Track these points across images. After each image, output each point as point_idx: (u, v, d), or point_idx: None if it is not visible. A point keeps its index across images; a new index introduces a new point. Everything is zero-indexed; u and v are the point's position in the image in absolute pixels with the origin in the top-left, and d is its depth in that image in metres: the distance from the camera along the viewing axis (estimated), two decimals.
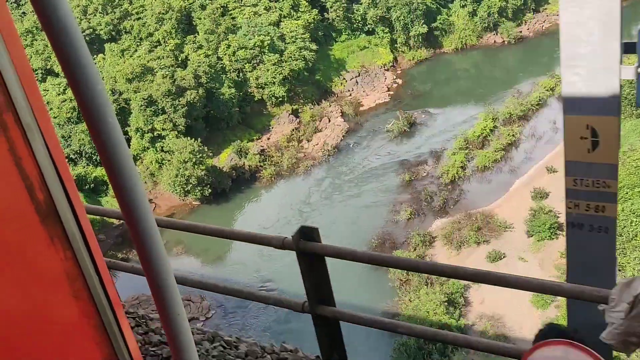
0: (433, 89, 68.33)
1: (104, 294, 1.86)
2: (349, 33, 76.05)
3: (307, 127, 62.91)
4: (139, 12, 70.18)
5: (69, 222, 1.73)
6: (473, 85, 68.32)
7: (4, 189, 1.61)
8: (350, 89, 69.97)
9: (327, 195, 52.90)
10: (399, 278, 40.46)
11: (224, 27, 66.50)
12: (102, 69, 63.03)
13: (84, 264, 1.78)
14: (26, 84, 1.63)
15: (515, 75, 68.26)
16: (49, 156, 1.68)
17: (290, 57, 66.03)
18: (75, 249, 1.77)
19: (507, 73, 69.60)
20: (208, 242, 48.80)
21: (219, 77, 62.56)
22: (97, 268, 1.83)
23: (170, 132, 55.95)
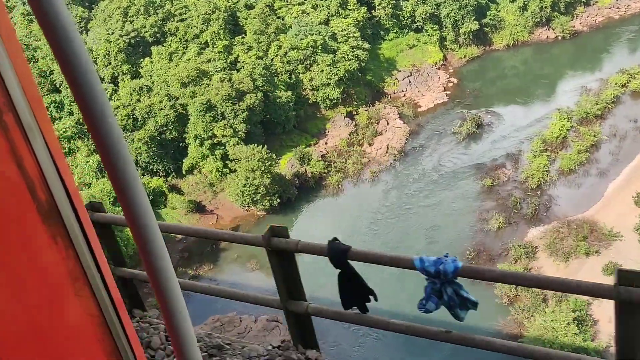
0: (491, 87, 64.96)
1: (106, 293, 1.81)
2: (397, 31, 72.63)
3: (365, 130, 59.47)
4: (182, 13, 66.65)
5: (70, 222, 1.69)
6: (532, 83, 64.96)
7: (6, 189, 1.58)
8: (404, 89, 66.58)
9: (400, 203, 49.53)
10: (506, 294, 37.20)
11: (273, 27, 63.02)
12: (151, 73, 59.50)
13: (86, 263, 1.75)
14: (25, 84, 1.62)
15: (576, 71, 64.99)
16: (50, 156, 1.65)
17: (343, 57, 62.60)
18: (77, 248, 1.72)
19: (566, 70, 66.26)
20: None
21: (272, 79, 59.10)
22: (99, 267, 1.79)
23: (231, 138, 52.48)
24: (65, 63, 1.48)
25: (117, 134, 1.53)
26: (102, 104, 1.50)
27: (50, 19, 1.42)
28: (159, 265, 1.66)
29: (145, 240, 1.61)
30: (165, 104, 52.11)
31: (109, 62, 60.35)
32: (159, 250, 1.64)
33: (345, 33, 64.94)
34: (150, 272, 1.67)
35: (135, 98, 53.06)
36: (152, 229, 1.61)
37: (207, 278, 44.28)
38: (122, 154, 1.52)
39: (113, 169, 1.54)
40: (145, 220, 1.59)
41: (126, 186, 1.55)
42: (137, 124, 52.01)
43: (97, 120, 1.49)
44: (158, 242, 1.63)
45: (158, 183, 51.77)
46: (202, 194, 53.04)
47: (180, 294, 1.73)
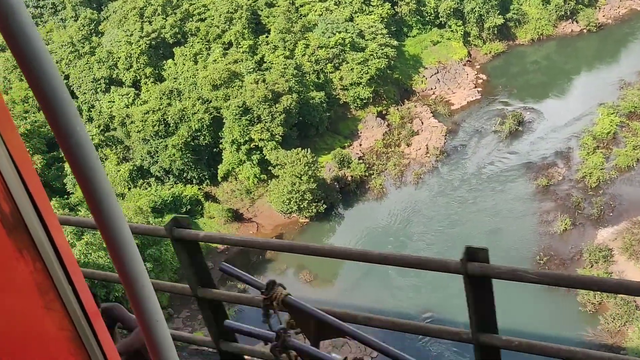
0: (522, 83, 62.63)
1: (78, 305, 1.74)
2: (420, 27, 70.05)
3: (400, 130, 56.75)
4: (201, 12, 63.28)
5: (37, 233, 1.63)
6: (563, 77, 62.82)
7: None
8: (433, 87, 63.97)
9: (451, 206, 46.92)
10: (590, 301, 34.78)
11: (299, 26, 59.98)
12: (176, 76, 56.14)
13: (55, 275, 1.68)
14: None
15: (607, 65, 62.99)
16: (13, 165, 1.59)
17: (372, 55, 59.81)
18: (45, 260, 1.66)
19: (596, 63, 64.26)
20: (336, 266, 42.73)
21: (302, 79, 56.11)
22: (70, 278, 1.72)
23: (268, 142, 49.43)
24: (31, 73, 1.38)
25: (86, 142, 1.47)
26: (69, 113, 1.44)
27: (12, 28, 1.33)
28: (134, 273, 1.60)
29: (117, 247, 1.55)
30: (198, 108, 48.86)
31: (130, 65, 56.85)
32: (132, 257, 1.58)
33: (372, 30, 62.18)
34: (126, 279, 1.60)
35: (166, 102, 49.70)
36: (125, 236, 1.56)
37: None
38: (92, 161, 1.48)
39: (83, 176, 1.48)
40: (118, 228, 1.54)
41: (98, 193, 1.50)
42: (169, 129, 48.67)
43: (66, 129, 1.43)
44: (131, 248, 1.58)
45: (193, 191, 48.55)
46: (239, 201, 49.92)
47: (156, 302, 1.66)
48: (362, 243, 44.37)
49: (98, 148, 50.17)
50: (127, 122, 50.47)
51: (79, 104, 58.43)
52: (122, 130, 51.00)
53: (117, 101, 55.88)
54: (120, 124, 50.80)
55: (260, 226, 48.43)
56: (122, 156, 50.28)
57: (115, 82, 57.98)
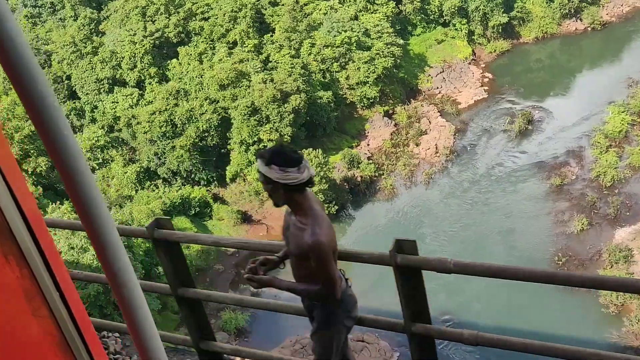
0: (529, 82, 62.14)
1: (66, 310, 1.72)
2: (424, 26, 69.45)
3: (408, 130, 56.14)
4: (204, 11, 62.31)
5: (23, 238, 1.60)
6: (569, 76, 62.46)
7: None
8: (439, 86, 63.36)
9: (464, 206, 46.31)
10: (613, 302, 34.25)
11: (305, 25, 59.17)
12: (181, 76, 55.19)
13: (42, 281, 1.66)
14: None
15: (614, 63, 62.68)
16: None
17: (379, 54, 59.12)
18: (32, 266, 1.64)
19: (601, 62, 63.94)
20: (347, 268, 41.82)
21: (309, 79, 55.31)
22: (57, 283, 1.70)
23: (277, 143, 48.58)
24: (16, 76, 1.38)
25: (73, 144, 1.47)
26: (55, 116, 1.43)
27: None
28: (122, 274, 1.58)
29: (104, 247, 1.54)
30: (206, 108, 47.95)
31: (134, 65, 55.81)
32: (119, 257, 1.57)
33: (378, 29, 61.47)
34: (113, 281, 1.59)
35: (172, 103, 48.75)
36: (112, 237, 1.55)
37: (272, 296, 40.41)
38: (77, 159, 1.46)
39: (69, 175, 1.47)
40: (105, 228, 1.53)
41: (83, 192, 1.48)
42: (177, 130, 47.74)
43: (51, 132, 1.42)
44: (118, 248, 1.57)
45: (201, 193, 47.64)
46: (248, 203, 49.04)
47: (145, 303, 1.66)
48: (374, 245, 43.59)
49: (104, 150, 49.19)
50: (132, 123, 49.51)
51: (81, 104, 57.37)
52: (128, 132, 50.04)
53: (121, 102, 54.84)
54: (126, 125, 49.83)
55: (270, 228, 47.59)
56: (128, 158, 49.27)
57: (119, 82, 56.93)
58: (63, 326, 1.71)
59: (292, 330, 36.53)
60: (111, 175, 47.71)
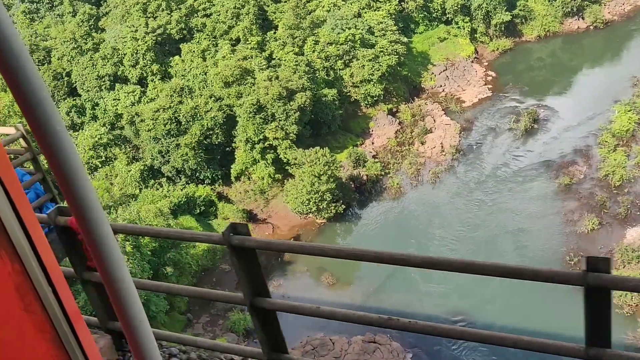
0: (532, 80, 61.82)
1: (58, 306, 1.72)
2: (427, 24, 69.01)
3: (412, 128, 55.69)
4: (206, 7, 61.57)
5: (15, 233, 1.60)
6: (572, 74, 62.17)
7: None
8: (442, 84, 62.93)
9: (472, 206, 45.89)
10: (628, 303, 33.95)
11: (308, 22, 58.55)
12: (184, 73, 54.42)
13: (35, 276, 1.66)
14: None
15: (618, 62, 62.45)
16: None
17: (382, 51, 58.61)
18: (24, 261, 1.64)
19: (604, 60, 63.73)
20: (356, 268, 41.50)
21: (314, 76, 54.70)
22: (50, 279, 1.71)
23: (283, 141, 48.02)
24: (8, 70, 1.38)
25: (66, 139, 1.47)
26: (49, 111, 1.42)
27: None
28: (116, 271, 1.58)
29: (99, 245, 1.55)
30: (211, 106, 47.27)
31: (136, 61, 55.00)
32: (114, 254, 1.58)
33: (382, 27, 60.94)
34: (107, 278, 1.59)
35: (177, 100, 48.02)
36: (107, 234, 1.55)
37: (280, 295, 39.87)
38: (71, 156, 1.47)
39: (63, 172, 1.47)
40: (100, 226, 1.54)
41: (78, 190, 1.48)
42: (181, 127, 47.04)
43: (45, 127, 1.42)
44: (112, 246, 1.57)
45: (205, 192, 46.96)
46: (253, 202, 48.46)
47: (138, 301, 1.65)
48: (383, 245, 43.15)
49: (108, 147, 48.38)
50: (136, 121, 48.72)
51: (82, 101, 56.48)
52: (131, 129, 49.24)
53: (123, 99, 54.05)
54: (129, 122, 49.02)
55: (276, 227, 47.04)
56: (131, 156, 48.50)
57: (120, 79, 56.11)
58: (56, 322, 1.69)
59: (303, 332, 36.11)
60: (114, 174, 46.93)
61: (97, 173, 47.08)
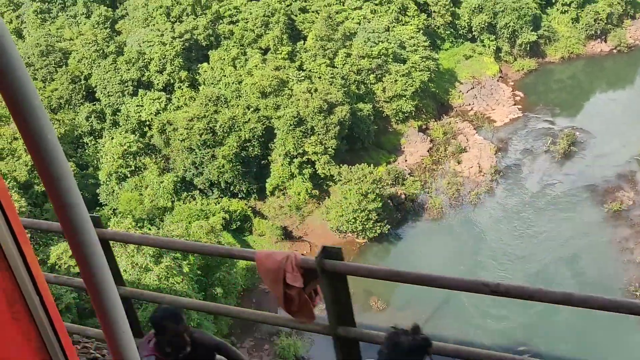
0: (562, 101, 60.91)
1: (45, 315, 1.72)
2: (453, 40, 67.88)
3: (445, 146, 54.10)
4: (232, 14, 59.38)
5: (6, 242, 1.59)
6: (604, 97, 61.59)
7: None
8: (471, 102, 61.61)
9: (517, 232, 44.26)
10: None
11: (340, 34, 56.76)
12: (213, 81, 52.02)
13: (23, 285, 1.65)
14: None
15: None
16: None
17: (414, 67, 57.07)
18: (14, 270, 1.63)
19: (636, 84, 63.25)
20: (406, 291, 39.45)
21: (348, 90, 52.81)
22: (37, 288, 1.70)
23: (322, 156, 45.96)
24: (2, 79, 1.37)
25: (57, 149, 1.45)
26: (40, 119, 1.41)
27: None
28: (101, 282, 1.58)
29: (85, 256, 1.54)
30: (249, 117, 45.00)
31: (164, 67, 52.46)
32: (99, 265, 1.56)
33: (413, 42, 59.47)
34: (92, 288, 1.59)
35: (212, 109, 45.66)
36: (92, 241, 1.54)
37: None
38: (62, 167, 1.47)
39: (52, 182, 1.47)
40: (84, 234, 1.53)
41: (66, 200, 1.48)
42: (217, 138, 44.67)
43: (35, 136, 1.41)
44: (99, 256, 1.56)
45: (240, 206, 44.57)
46: (288, 218, 46.18)
47: (123, 312, 1.65)
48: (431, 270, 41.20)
49: (137, 156, 45.67)
50: (167, 129, 46.18)
51: (102, 106, 53.61)
52: (162, 138, 46.65)
53: (147, 105, 51.37)
54: (160, 130, 46.44)
55: (314, 245, 44.75)
56: (164, 165, 45.92)
57: (144, 84, 53.46)
58: (42, 331, 1.68)
59: None
60: (144, 184, 44.23)
61: (125, 183, 44.34)
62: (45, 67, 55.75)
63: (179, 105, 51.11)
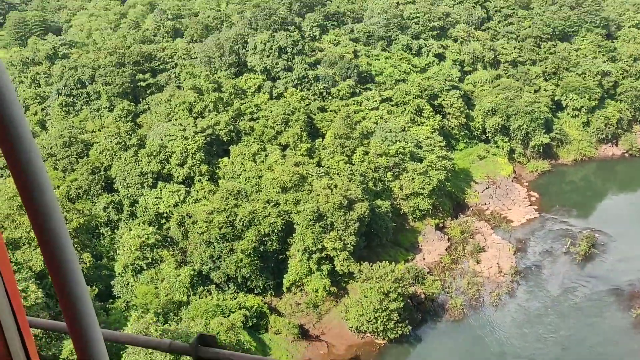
0: (577, 203, 60.77)
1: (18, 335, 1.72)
2: (467, 141, 69.03)
3: (463, 245, 53.51)
4: (253, 112, 60.87)
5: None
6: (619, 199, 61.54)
7: None
8: (486, 202, 61.61)
9: (541, 338, 42.73)
10: None
11: (358, 132, 57.79)
12: (233, 175, 52.34)
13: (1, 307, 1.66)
14: None
15: None
16: None
17: (431, 166, 57.57)
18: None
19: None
20: None
21: (366, 187, 52.96)
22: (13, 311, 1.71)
23: (341, 252, 45.33)
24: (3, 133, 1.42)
25: (51, 197, 1.50)
26: (38, 172, 1.47)
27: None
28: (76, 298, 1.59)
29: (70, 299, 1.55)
30: (269, 211, 44.86)
31: (185, 160, 53.02)
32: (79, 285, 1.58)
33: (430, 142, 60.43)
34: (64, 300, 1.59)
35: (232, 203, 45.61)
36: (81, 293, 1.57)
37: None
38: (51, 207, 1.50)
39: (40, 222, 1.51)
40: (76, 286, 1.55)
41: (54, 243, 1.52)
42: (236, 232, 44.28)
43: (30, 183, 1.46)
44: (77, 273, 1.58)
45: (256, 302, 43.40)
46: (305, 316, 44.85)
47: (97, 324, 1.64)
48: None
49: (154, 248, 45.13)
50: (186, 222, 45.91)
51: (120, 197, 53.68)
52: (180, 230, 46.28)
53: (166, 198, 51.42)
54: (178, 223, 46.17)
55: (331, 346, 43.17)
56: (181, 258, 45.25)
57: (163, 177, 53.83)
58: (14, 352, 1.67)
59: None
60: (160, 277, 43.38)
61: (141, 275, 43.52)
62: (67, 157, 56.41)
63: (197, 198, 51.18)
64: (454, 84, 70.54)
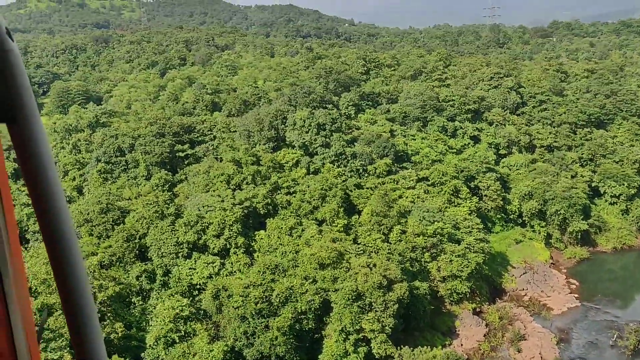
0: (621, 293, 58.61)
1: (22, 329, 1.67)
2: (503, 224, 67.82)
3: (502, 332, 51.36)
4: (290, 185, 60.85)
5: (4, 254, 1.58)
6: None
7: None
8: (524, 287, 59.70)
9: None
10: None
11: (396, 211, 57.10)
12: (269, 249, 51.59)
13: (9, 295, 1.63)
14: None
15: None
16: None
17: (469, 248, 56.28)
18: None
19: None
20: None
21: (403, 267, 51.68)
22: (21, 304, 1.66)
23: (379, 334, 43.63)
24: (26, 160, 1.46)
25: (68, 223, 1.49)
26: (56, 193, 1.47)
27: None
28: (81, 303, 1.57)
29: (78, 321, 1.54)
30: (307, 288, 43.73)
31: (222, 232, 52.55)
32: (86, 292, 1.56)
33: (468, 223, 59.39)
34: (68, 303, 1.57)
35: (269, 277, 44.64)
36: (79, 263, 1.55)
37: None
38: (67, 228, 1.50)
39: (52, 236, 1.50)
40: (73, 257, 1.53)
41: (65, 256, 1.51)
42: (272, 308, 43.03)
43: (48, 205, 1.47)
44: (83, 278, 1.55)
45: None
46: None
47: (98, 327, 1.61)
48: None
49: (188, 321, 43.89)
50: (221, 295, 44.86)
51: (153, 267, 53.01)
52: (214, 304, 45.16)
53: (200, 269, 50.63)
54: (213, 295, 45.13)
55: None
56: (214, 333, 43.89)
57: (198, 248, 53.25)
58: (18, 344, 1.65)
59: None
60: (192, 352, 41.91)
61: (172, 349, 42.12)
62: (103, 224, 56.29)
63: (232, 270, 50.34)
64: (490, 167, 70.18)
